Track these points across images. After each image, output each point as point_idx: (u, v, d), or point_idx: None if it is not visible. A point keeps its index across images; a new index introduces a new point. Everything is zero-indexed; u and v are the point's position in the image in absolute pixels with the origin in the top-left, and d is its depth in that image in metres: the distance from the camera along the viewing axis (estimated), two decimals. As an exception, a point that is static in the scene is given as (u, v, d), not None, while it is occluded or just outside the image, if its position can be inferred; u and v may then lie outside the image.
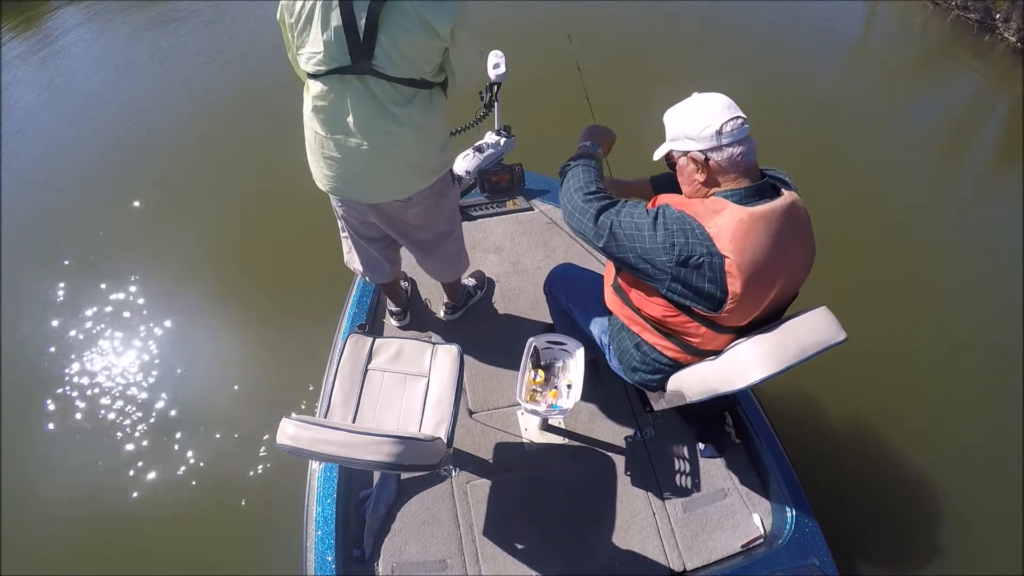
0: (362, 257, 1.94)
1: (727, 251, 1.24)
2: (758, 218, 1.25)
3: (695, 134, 1.30)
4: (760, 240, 1.25)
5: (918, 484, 2.39)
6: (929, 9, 5.20)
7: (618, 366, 1.72)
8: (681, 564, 1.71)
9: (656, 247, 1.30)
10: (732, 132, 1.28)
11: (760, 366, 1.32)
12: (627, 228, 1.33)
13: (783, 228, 1.27)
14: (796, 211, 1.31)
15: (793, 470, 1.82)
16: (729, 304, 1.29)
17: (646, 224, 1.31)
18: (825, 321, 1.35)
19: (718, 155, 1.29)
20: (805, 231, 1.35)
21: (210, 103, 4.18)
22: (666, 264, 1.29)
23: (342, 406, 1.74)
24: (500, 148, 2.65)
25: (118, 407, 2.64)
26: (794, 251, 1.32)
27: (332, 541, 1.67)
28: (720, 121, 1.28)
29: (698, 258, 1.26)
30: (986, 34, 4.90)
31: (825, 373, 2.40)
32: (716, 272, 1.26)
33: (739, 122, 1.29)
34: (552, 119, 3.64)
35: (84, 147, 3.93)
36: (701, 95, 1.35)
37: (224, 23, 4.96)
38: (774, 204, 1.27)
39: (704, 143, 1.29)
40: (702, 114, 1.30)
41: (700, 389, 1.49)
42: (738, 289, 1.26)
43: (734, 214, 1.25)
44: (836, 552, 1.69)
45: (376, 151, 1.49)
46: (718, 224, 1.26)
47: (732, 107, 1.31)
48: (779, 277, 1.32)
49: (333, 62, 1.37)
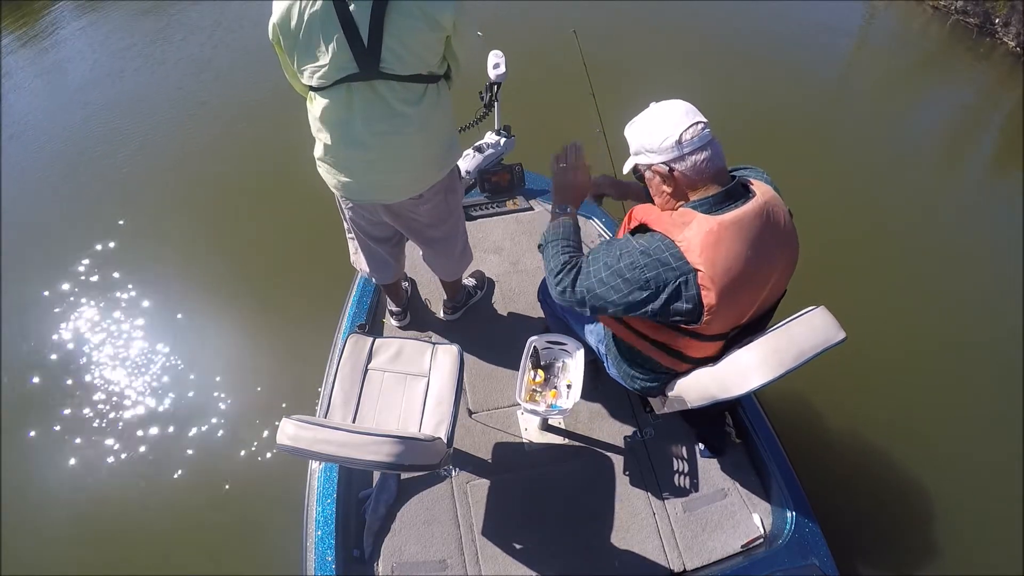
0: (368, 258, 1.95)
1: (698, 264, 1.22)
2: (728, 226, 1.22)
3: (655, 146, 1.28)
4: (732, 248, 1.22)
5: (918, 484, 2.39)
6: (928, 13, 5.19)
7: (617, 374, 1.71)
8: (681, 564, 1.71)
9: (631, 290, 1.28)
10: (693, 140, 1.25)
11: (758, 372, 1.31)
12: (599, 288, 1.32)
13: (757, 231, 1.24)
14: (771, 209, 1.28)
15: (793, 470, 1.82)
16: (706, 316, 1.26)
17: (614, 272, 1.29)
18: (823, 321, 1.34)
19: (682, 165, 1.26)
20: (783, 229, 1.31)
21: (210, 102, 4.19)
22: (642, 298, 1.28)
23: (342, 406, 1.74)
24: (500, 148, 2.65)
25: (117, 407, 2.64)
26: (772, 252, 1.29)
27: (332, 541, 1.67)
28: (679, 130, 1.25)
29: (674, 284, 1.24)
30: (986, 38, 4.89)
31: (825, 373, 2.40)
32: (691, 289, 1.24)
33: (699, 127, 1.26)
34: (552, 119, 3.65)
35: (85, 147, 3.94)
36: (659, 104, 1.32)
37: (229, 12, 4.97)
38: (745, 208, 1.24)
39: (666, 154, 1.27)
40: (660, 125, 1.28)
41: (700, 396, 1.48)
42: (713, 301, 1.23)
43: (702, 225, 1.22)
44: (836, 552, 1.69)
45: (390, 155, 1.50)
46: (686, 236, 1.23)
47: (691, 112, 1.28)
48: (759, 281, 1.30)
49: (341, 72, 1.36)
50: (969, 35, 4.94)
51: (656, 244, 1.26)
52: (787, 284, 1.41)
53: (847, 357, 1.45)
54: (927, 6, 5.23)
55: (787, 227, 1.32)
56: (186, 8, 5.17)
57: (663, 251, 1.25)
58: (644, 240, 1.29)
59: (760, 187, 1.30)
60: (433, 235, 1.85)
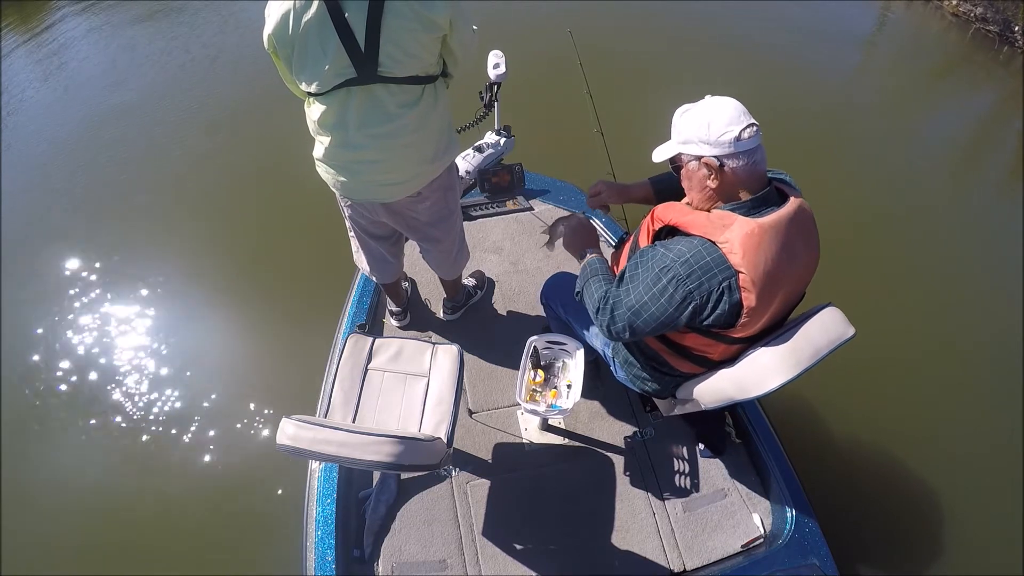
0: (368, 256, 1.95)
1: (740, 266, 1.21)
2: (767, 229, 1.22)
3: (712, 139, 1.25)
4: (770, 251, 1.22)
5: (918, 484, 2.39)
6: (947, 20, 5.14)
7: (624, 377, 1.70)
8: (681, 564, 1.71)
9: (677, 307, 1.26)
10: (750, 139, 1.24)
11: (777, 372, 1.31)
12: (645, 313, 1.29)
13: (791, 235, 1.25)
14: (802, 215, 1.29)
15: (793, 470, 1.82)
16: (743, 319, 1.26)
17: (656, 293, 1.27)
18: (834, 319, 1.35)
19: (735, 162, 1.25)
20: (811, 233, 1.33)
21: (211, 101, 4.18)
22: (689, 312, 1.27)
23: (342, 406, 1.74)
24: (500, 148, 2.65)
25: (117, 406, 2.64)
26: (801, 256, 1.30)
27: (332, 541, 1.67)
28: (739, 127, 1.23)
29: (718, 290, 1.23)
30: (1005, 46, 4.84)
31: (826, 374, 2.36)
32: (735, 292, 1.23)
33: (755, 129, 1.25)
34: (552, 119, 3.65)
35: (84, 146, 3.93)
36: (715, 99, 1.30)
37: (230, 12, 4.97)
38: (781, 213, 1.25)
39: (721, 149, 1.25)
40: (720, 119, 1.25)
41: (716, 398, 1.47)
42: (753, 303, 1.24)
43: (743, 226, 1.22)
44: (836, 552, 1.69)
45: (388, 157, 1.51)
46: (728, 238, 1.22)
47: (746, 113, 1.27)
48: (788, 284, 1.30)
49: (339, 77, 1.36)
50: (991, 43, 4.87)
51: (697, 249, 1.24)
52: (807, 286, 1.42)
53: (847, 357, 1.45)
54: (946, 13, 5.19)
55: (812, 230, 1.33)
56: (187, 8, 5.17)
57: (704, 256, 1.23)
58: (683, 246, 1.26)
59: (791, 191, 1.32)
60: (432, 233, 1.85)
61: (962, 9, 5.09)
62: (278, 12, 1.32)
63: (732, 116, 1.25)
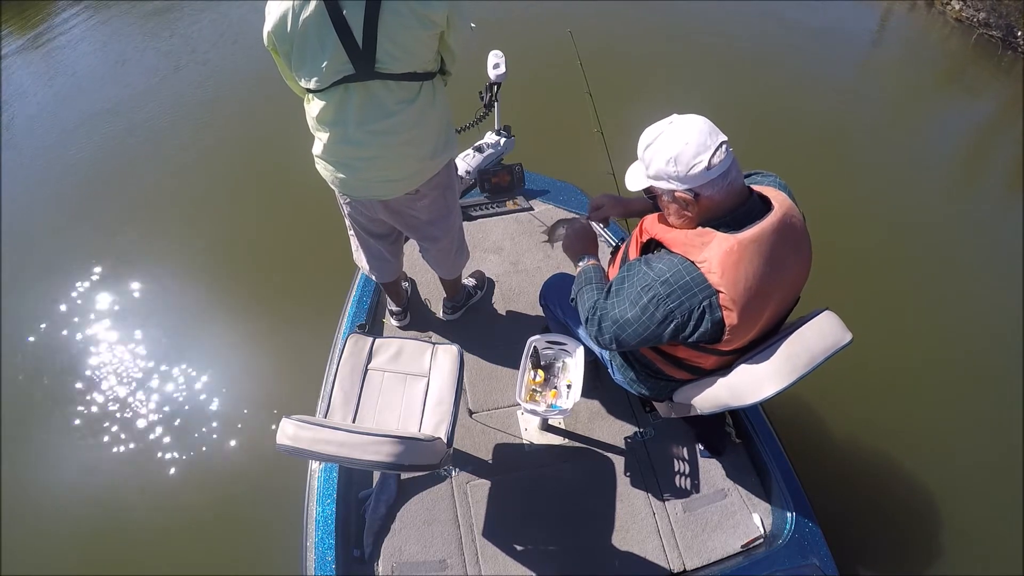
0: (368, 255, 1.95)
1: (719, 285, 1.19)
2: (747, 244, 1.19)
3: (683, 174, 1.19)
4: (752, 266, 1.19)
5: (918, 484, 2.39)
6: (951, 25, 5.11)
7: (622, 380, 1.70)
8: (681, 564, 1.71)
9: (657, 326, 1.26)
10: (720, 163, 1.18)
11: (773, 380, 1.30)
12: (629, 328, 1.30)
13: (776, 245, 1.21)
14: (788, 222, 1.24)
15: (793, 470, 1.82)
16: (727, 336, 1.25)
17: (639, 310, 1.27)
18: (830, 325, 1.33)
19: (710, 190, 1.20)
20: (800, 239, 1.28)
21: (211, 102, 4.19)
22: (670, 331, 1.27)
23: (342, 406, 1.74)
24: (500, 148, 2.65)
25: (116, 406, 2.64)
26: (790, 265, 1.27)
27: (332, 541, 1.67)
28: (707, 155, 1.17)
29: (699, 309, 1.22)
30: (1008, 52, 4.81)
31: (826, 375, 2.36)
32: (715, 312, 1.22)
33: (724, 147, 1.18)
34: (552, 119, 3.65)
35: (86, 147, 3.93)
36: (680, 123, 1.22)
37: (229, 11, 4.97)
38: (764, 224, 1.20)
39: (693, 182, 1.19)
40: (687, 150, 1.18)
41: (711, 404, 1.47)
42: (735, 321, 1.22)
43: (722, 244, 1.19)
44: (836, 552, 1.69)
45: (386, 153, 1.51)
46: (707, 256, 1.20)
47: (714, 131, 1.20)
48: (778, 293, 1.29)
49: (337, 74, 1.37)
50: (994, 49, 4.82)
51: (677, 268, 1.23)
52: (800, 292, 1.40)
53: (848, 358, 1.44)
54: (949, 19, 5.17)
55: (802, 235, 1.30)
56: (186, 8, 5.17)
57: (684, 275, 1.22)
58: (663, 264, 1.25)
59: (777, 198, 1.27)
60: (431, 232, 1.85)
61: (965, 14, 5.07)
62: (278, 10, 1.33)
63: (699, 143, 1.18)
